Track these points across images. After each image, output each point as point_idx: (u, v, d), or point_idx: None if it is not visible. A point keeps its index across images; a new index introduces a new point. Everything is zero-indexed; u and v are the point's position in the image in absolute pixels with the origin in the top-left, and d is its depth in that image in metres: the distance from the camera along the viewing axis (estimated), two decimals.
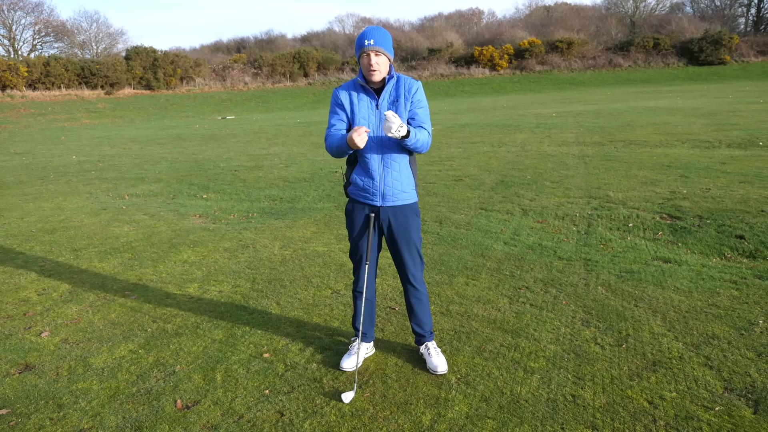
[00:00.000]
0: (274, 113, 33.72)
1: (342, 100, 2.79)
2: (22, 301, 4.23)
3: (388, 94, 2.74)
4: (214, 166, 11.28)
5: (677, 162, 8.94)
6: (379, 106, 2.73)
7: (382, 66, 2.67)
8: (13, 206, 7.95)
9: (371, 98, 2.75)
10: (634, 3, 62.21)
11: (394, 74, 2.76)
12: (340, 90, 2.81)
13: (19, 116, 32.41)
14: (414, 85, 2.76)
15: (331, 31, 67.85)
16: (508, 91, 43.21)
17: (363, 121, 2.74)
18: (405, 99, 2.73)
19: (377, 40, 2.63)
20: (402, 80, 2.76)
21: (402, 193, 2.84)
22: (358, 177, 2.85)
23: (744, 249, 4.70)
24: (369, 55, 2.63)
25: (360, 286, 3.01)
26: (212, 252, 5.32)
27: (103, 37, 56.70)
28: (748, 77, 43.81)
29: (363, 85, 2.74)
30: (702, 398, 2.62)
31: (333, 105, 2.83)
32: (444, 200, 7.08)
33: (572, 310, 3.65)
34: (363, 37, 2.64)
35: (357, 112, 2.75)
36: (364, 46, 2.62)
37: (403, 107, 2.73)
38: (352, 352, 3.05)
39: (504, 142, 12.72)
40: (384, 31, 2.69)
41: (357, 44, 2.70)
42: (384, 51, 2.65)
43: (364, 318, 3.05)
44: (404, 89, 2.74)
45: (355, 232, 2.94)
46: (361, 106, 2.75)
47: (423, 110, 2.79)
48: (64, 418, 2.68)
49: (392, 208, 2.85)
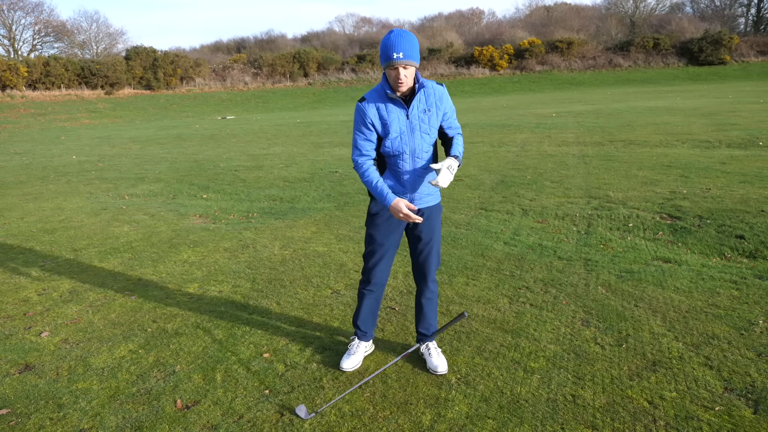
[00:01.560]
0: (274, 113, 33.72)
1: (371, 118, 2.65)
2: (22, 301, 4.23)
3: (418, 103, 2.67)
4: (214, 166, 11.28)
5: (677, 162, 8.94)
6: (410, 116, 2.67)
7: (410, 77, 2.58)
8: (13, 206, 7.95)
9: (401, 108, 2.66)
10: (634, 3, 62.22)
11: (421, 81, 2.66)
12: (367, 105, 2.66)
13: (19, 116, 32.42)
14: (443, 93, 2.73)
15: (331, 31, 67.96)
16: (508, 91, 43.22)
17: (395, 134, 2.68)
18: (437, 108, 2.70)
19: (407, 52, 2.49)
20: (430, 88, 2.69)
21: (428, 196, 2.86)
22: (387, 181, 2.81)
23: (744, 249, 4.70)
24: (398, 69, 2.52)
25: (373, 284, 2.98)
26: (212, 252, 5.32)
27: (103, 37, 56.75)
28: (748, 77, 43.81)
29: (391, 96, 2.63)
30: (702, 398, 2.62)
31: (359, 123, 2.68)
32: (444, 200, 7.08)
33: (572, 310, 3.65)
34: (390, 48, 2.49)
35: (390, 126, 2.66)
36: (393, 60, 2.48)
37: (435, 117, 2.71)
38: (351, 352, 3.05)
39: (504, 142, 12.73)
40: (410, 37, 2.53)
41: (383, 53, 2.52)
42: (413, 63, 2.54)
43: (368, 317, 3.05)
44: (435, 98, 2.69)
45: (380, 230, 2.88)
46: (392, 119, 2.66)
47: (454, 115, 2.80)
48: (64, 418, 2.68)
49: (418, 209, 2.86)
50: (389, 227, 2.87)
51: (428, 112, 2.69)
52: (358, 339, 3.08)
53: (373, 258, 2.92)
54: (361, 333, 3.07)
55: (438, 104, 2.70)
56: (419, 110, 2.68)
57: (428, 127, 2.71)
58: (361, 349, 3.08)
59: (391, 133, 2.67)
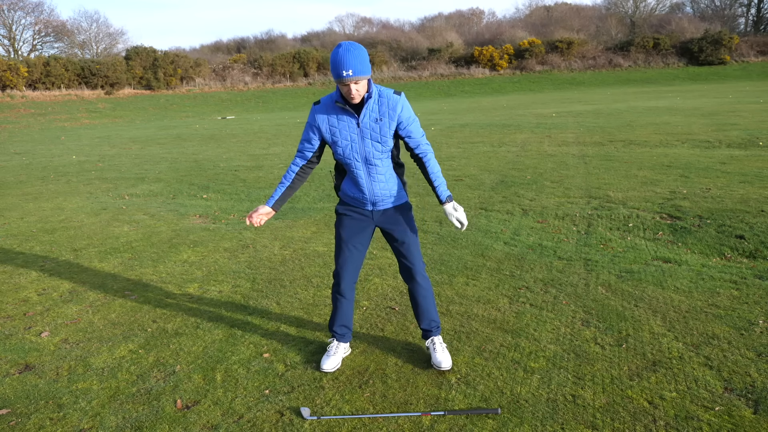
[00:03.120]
0: (274, 113, 33.73)
1: (319, 124, 2.75)
2: (22, 301, 4.23)
3: (369, 111, 2.69)
4: (214, 166, 11.28)
5: (677, 162, 8.94)
6: (360, 124, 2.70)
7: (361, 89, 2.59)
8: (13, 206, 7.95)
9: (351, 117, 2.71)
10: (634, 3, 62.23)
11: (373, 89, 2.68)
12: (318, 113, 2.75)
13: (19, 116, 32.42)
14: (398, 102, 2.69)
15: (331, 31, 67.92)
16: (508, 91, 43.22)
17: (345, 142, 2.73)
18: (389, 118, 2.70)
19: (356, 69, 2.49)
20: (384, 96, 2.70)
21: (390, 197, 2.89)
22: (348, 188, 2.90)
23: (744, 249, 4.70)
24: (348, 85, 2.54)
25: (343, 287, 3.00)
26: (212, 252, 5.32)
27: (103, 37, 56.78)
28: (748, 77, 43.82)
29: (342, 106, 2.68)
30: (702, 398, 2.62)
31: (309, 124, 2.79)
32: None
33: (572, 310, 3.65)
34: (339, 66, 2.49)
35: (339, 135, 2.73)
36: (343, 78, 2.50)
37: (387, 126, 2.71)
38: (330, 353, 3.07)
39: (504, 142, 12.73)
40: (358, 51, 2.52)
41: (333, 70, 2.53)
42: (363, 77, 2.55)
43: (343, 320, 3.07)
44: (388, 107, 2.69)
45: (346, 229, 2.95)
46: (341, 127, 2.72)
47: (414, 125, 2.77)
48: (64, 418, 2.68)
49: (384, 210, 2.91)
50: (356, 226, 2.94)
51: (380, 121, 2.69)
52: (337, 341, 3.11)
53: (341, 257, 2.97)
54: (339, 336, 3.10)
55: (391, 113, 2.69)
56: (370, 119, 2.69)
57: (379, 136, 2.71)
58: (341, 350, 3.11)
59: (340, 140, 2.73)
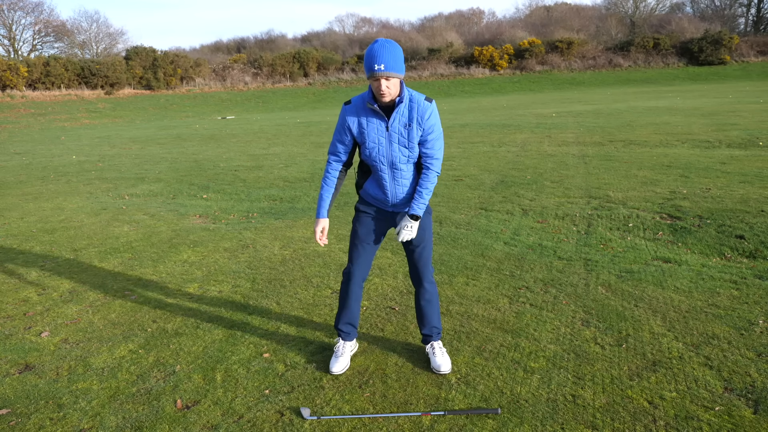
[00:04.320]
0: (274, 113, 33.72)
1: (349, 123, 2.73)
2: (22, 301, 4.23)
3: (399, 116, 2.66)
4: (214, 166, 11.28)
5: (677, 162, 8.94)
6: (389, 127, 2.67)
7: (392, 88, 2.57)
8: (13, 206, 7.95)
9: (381, 120, 2.68)
10: (634, 3, 62.21)
11: (405, 93, 2.65)
12: (348, 114, 2.73)
13: (19, 116, 32.42)
14: (428, 109, 2.67)
15: (331, 31, 67.91)
16: (508, 91, 43.22)
17: (373, 144, 2.71)
18: (418, 125, 2.67)
19: (388, 64, 2.48)
20: (415, 102, 2.67)
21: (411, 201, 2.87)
22: (371, 188, 2.89)
23: (744, 249, 4.70)
24: (380, 80, 2.52)
25: (353, 281, 3.00)
26: (212, 252, 5.32)
27: (103, 37, 56.76)
28: (748, 77, 43.81)
29: (372, 107, 2.65)
30: (702, 398, 2.63)
31: (339, 124, 2.77)
32: (444, 200, 7.08)
33: (572, 310, 3.65)
34: (372, 60, 2.49)
35: (367, 136, 2.71)
36: (374, 71, 2.48)
37: (415, 132, 2.68)
38: (338, 354, 3.05)
39: (504, 142, 12.73)
40: (394, 48, 2.52)
41: (366, 64, 2.53)
42: (395, 74, 2.53)
43: (349, 318, 3.06)
44: (417, 113, 2.66)
45: (364, 225, 2.95)
46: (370, 129, 2.70)
47: (434, 136, 2.71)
48: (64, 418, 2.68)
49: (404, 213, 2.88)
50: (373, 225, 2.94)
51: (408, 126, 2.67)
52: (343, 340, 3.09)
53: (355, 253, 2.98)
54: (344, 334, 3.08)
55: (420, 120, 2.66)
56: (400, 123, 2.67)
57: (407, 141, 2.69)
58: (347, 350, 3.09)
59: (368, 142, 2.72)
